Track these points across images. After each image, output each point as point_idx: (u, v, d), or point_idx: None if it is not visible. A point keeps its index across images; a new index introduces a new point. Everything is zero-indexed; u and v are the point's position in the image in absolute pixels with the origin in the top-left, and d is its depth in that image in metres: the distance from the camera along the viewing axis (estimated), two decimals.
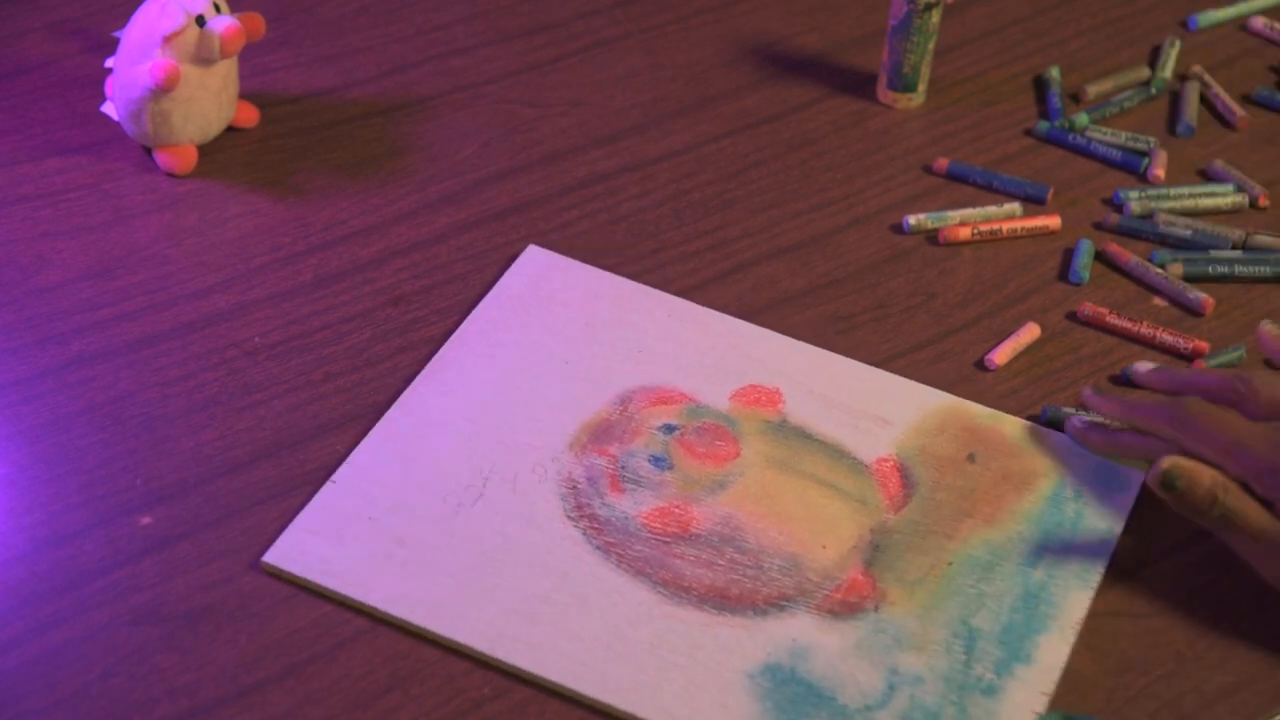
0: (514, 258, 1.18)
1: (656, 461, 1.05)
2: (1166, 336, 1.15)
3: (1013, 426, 1.08)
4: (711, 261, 1.19)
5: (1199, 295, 1.17)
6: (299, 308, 1.14)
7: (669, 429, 1.06)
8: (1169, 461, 0.98)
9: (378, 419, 1.07)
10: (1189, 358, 1.14)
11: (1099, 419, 1.07)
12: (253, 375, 1.09)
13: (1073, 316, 1.17)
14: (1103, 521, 1.03)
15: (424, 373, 1.09)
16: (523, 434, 1.05)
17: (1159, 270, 1.19)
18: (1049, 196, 1.25)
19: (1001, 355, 1.13)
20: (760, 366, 1.11)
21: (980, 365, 1.13)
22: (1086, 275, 1.19)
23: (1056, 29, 1.40)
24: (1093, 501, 1.04)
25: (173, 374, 1.09)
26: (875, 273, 1.19)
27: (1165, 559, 1.03)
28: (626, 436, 1.06)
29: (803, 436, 1.07)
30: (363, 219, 1.20)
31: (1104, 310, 1.16)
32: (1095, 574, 1.01)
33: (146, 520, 1.01)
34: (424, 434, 1.05)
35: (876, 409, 1.09)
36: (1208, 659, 0.99)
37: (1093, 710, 0.96)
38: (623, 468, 1.04)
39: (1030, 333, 1.15)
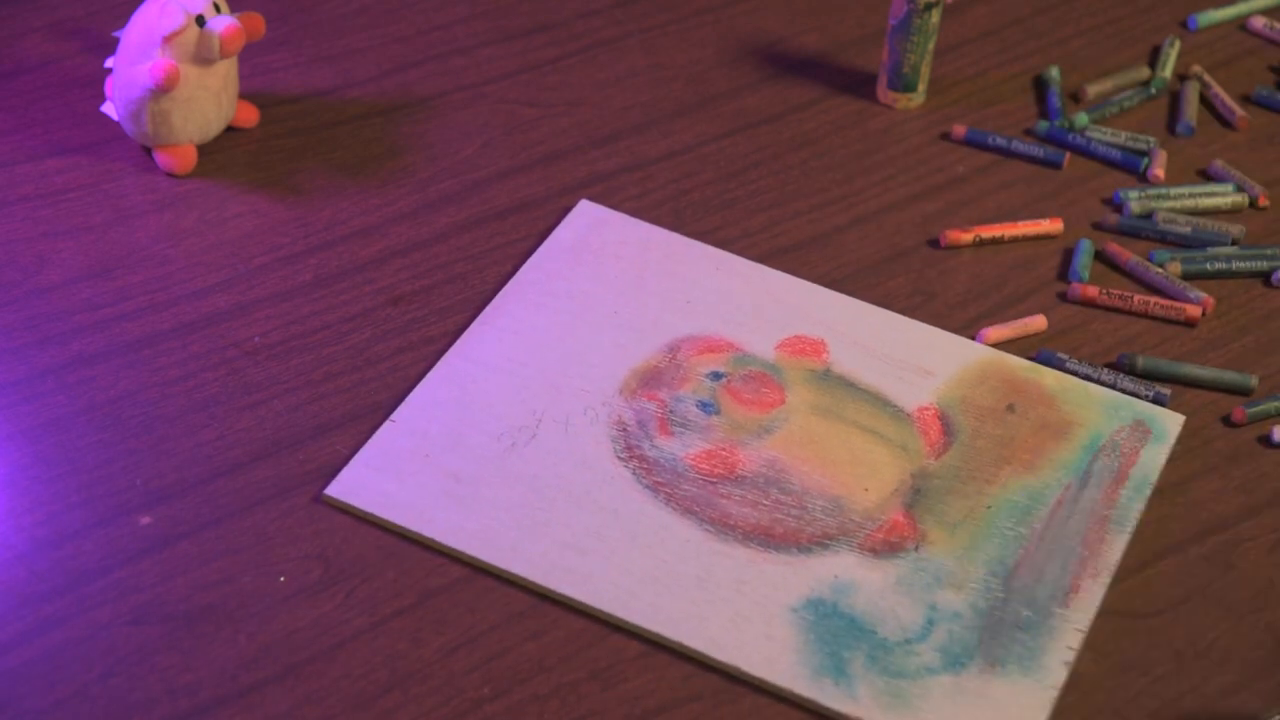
0: (514, 258, 1.18)
1: (704, 407, 1.08)
2: (1160, 310, 1.17)
3: (1052, 379, 1.11)
4: None
5: (1199, 294, 1.18)
6: (299, 308, 1.14)
7: (716, 376, 1.10)
8: None
9: (378, 419, 1.07)
10: (1187, 324, 1.16)
11: None
12: (253, 375, 1.09)
13: (1063, 297, 1.17)
14: (1139, 469, 1.06)
15: (478, 320, 1.12)
16: (575, 379, 1.09)
17: (1158, 270, 1.19)
18: (1065, 161, 1.27)
19: (996, 333, 1.15)
20: (805, 318, 1.14)
21: None
22: (1086, 275, 1.19)
23: (1056, 29, 1.40)
24: (1129, 450, 1.07)
25: (173, 374, 1.09)
26: (875, 273, 1.19)
27: (1165, 559, 1.03)
28: (675, 382, 1.09)
29: (846, 385, 1.10)
30: (363, 219, 1.20)
31: (1094, 290, 1.17)
32: (1131, 518, 1.04)
33: (146, 520, 1.01)
34: (479, 377, 1.09)
35: (919, 360, 1.12)
36: (1208, 659, 0.99)
37: (1092, 710, 0.96)
38: (671, 412, 1.08)
39: (1036, 323, 1.15)
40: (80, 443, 1.05)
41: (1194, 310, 1.17)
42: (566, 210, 1.21)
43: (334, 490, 1.02)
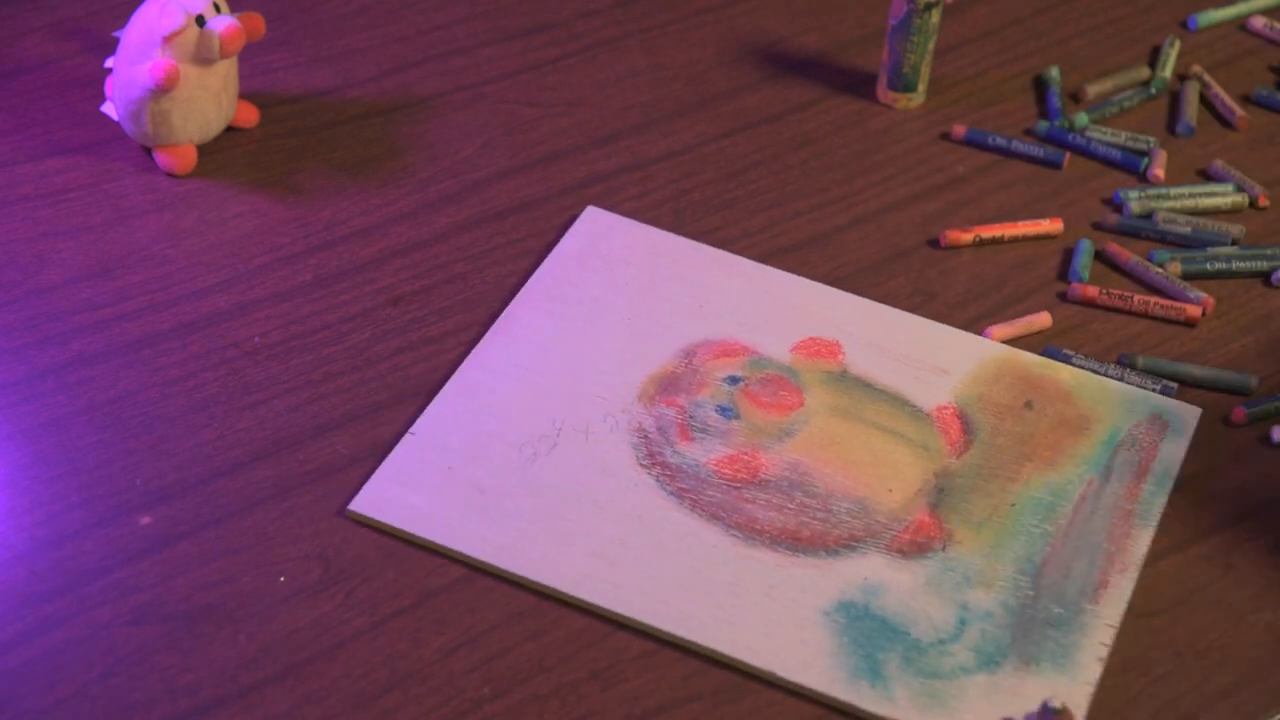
0: (514, 258, 1.18)
1: (723, 411, 1.08)
2: (1160, 310, 1.17)
3: (1068, 374, 1.12)
4: None
5: (1199, 294, 1.18)
6: (299, 308, 1.14)
7: (733, 380, 1.10)
8: None
9: (378, 419, 1.07)
10: (1187, 324, 1.16)
11: None
12: (253, 375, 1.09)
13: (1063, 298, 1.17)
14: (1160, 463, 1.07)
15: (492, 330, 1.12)
16: (591, 386, 1.09)
17: (1158, 269, 1.19)
18: (1065, 161, 1.27)
19: (1001, 331, 1.14)
20: (818, 320, 1.14)
21: None
22: (1086, 275, 1.19)
23: (1056, 29, 1.40)
24: (1149, 444, 1.08)
25: (173, 374, 1.09)
26: (875, 273, 1.19)
27: (1165, 559, 1.03)
28: (693, 388, 1.09)
29: (864, 386, 1.10)
30: (363, 219, 1.20)
31: (1094, 290, 1.17)
32: (1155, 512, 1.04)
33: (146, 520, 1.01)
34: (495, 388, 1.09)
35: (934, 359, 1.12)
36: (1208, 659, 0.99)
37: (1092, 710, 0.96)
38: (691, 417, 1.08)
39: (1041, 320, 1.15)
40: (80, 443, 1.05)
41: (1194, 310, 1.17)
42: (567, 210, 1.21)
43: (358, 505, 1.01)
